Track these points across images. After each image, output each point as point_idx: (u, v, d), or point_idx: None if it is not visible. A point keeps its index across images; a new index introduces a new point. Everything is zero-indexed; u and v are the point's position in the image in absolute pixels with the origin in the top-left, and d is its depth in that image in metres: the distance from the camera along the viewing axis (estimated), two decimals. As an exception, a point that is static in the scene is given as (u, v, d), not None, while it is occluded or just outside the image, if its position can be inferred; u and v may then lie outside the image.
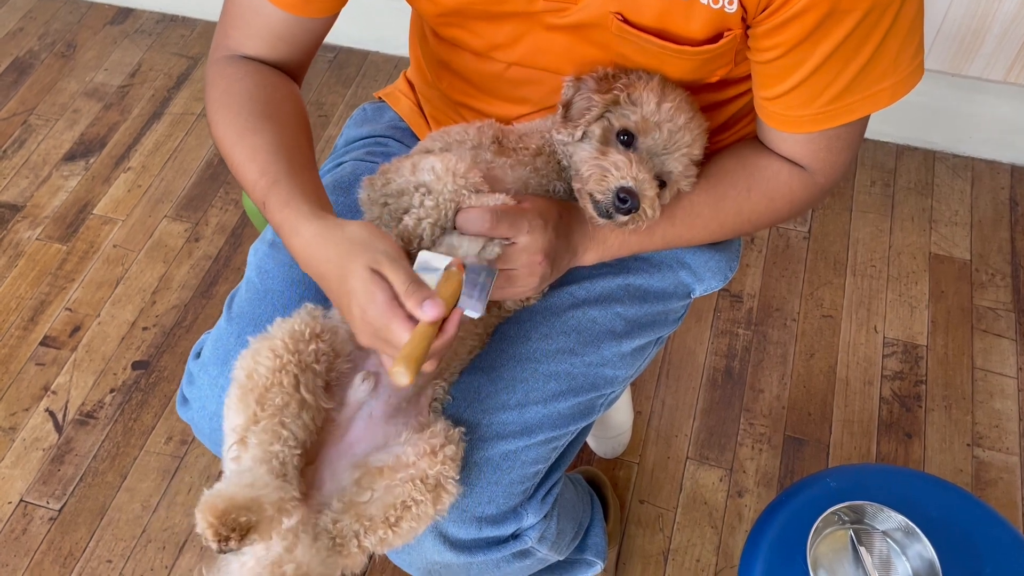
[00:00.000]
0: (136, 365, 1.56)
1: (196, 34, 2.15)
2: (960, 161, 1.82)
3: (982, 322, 1.58)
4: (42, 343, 1.59)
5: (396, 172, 0.81)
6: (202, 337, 0.95)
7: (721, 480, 1.41)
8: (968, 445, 1.44)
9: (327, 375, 0.77)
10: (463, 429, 0.80)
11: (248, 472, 0.70)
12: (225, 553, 0.65)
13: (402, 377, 0.64)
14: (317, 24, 0.87)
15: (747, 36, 0.77)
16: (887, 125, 1.84)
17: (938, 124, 1.80)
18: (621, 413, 1.38)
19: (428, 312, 0.66)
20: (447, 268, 0.71)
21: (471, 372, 0.86)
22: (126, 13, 2.20)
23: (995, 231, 1.71)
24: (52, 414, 1.50)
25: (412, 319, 0.67)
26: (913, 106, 1.78)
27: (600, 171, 0.77)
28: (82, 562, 1.35)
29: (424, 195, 0.78)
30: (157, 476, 1.43)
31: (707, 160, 0.86)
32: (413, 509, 0.73)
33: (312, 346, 0.75)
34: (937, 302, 1.61)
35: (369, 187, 0.83)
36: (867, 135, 1.86)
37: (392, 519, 0.73)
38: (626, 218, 0.78)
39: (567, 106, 0.82)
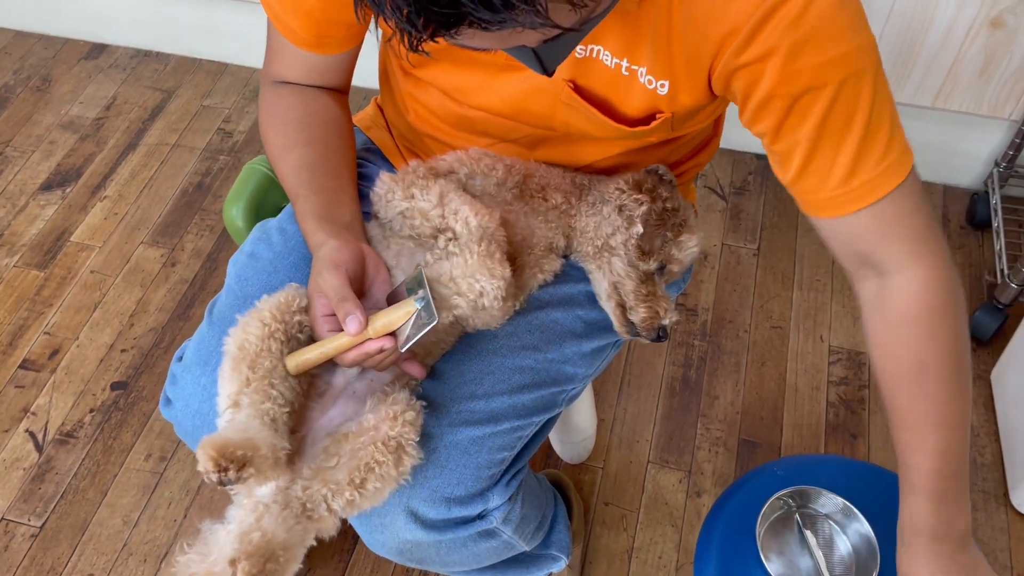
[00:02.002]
0: (115, 386, 1.61)
1: (170, 68, 2.22)
2: (897, 182, 1.94)
3: (920, 330, 1.69)
4: (21, 366, 1.63)
5: (423, 192, 0.89)
6: (184, 344, 1.01)
7: (680, 482, 1.49)
8: (909, 444, 1.53)
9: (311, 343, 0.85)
10: (424, 402, 0.87)
11: (241, 422, 0.78)
12: (224, 485, 0.72)
13: (291, 368, 0.80)
14: (339, 57, 0.98)
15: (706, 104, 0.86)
16: (829, 149, 1.95)
17: (875, 148, 1.92)
18: (585, 418, 1.45)
19: (349, 326, 0.79)
20: (412, 302, 0.80)
21: (442, 364, 0.94)
22: (100, 48, 2.27)
23: (930, 246, 1.83)
24: (32, 434, 1.54)
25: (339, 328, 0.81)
26: (852, 131, 1.90)
27: (651, 311, 0.93)
28: (64, 576, 1.38)
29: (449, 241, 0.87)
30: (137, 492, 1.47)
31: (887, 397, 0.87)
32: (376, 470, 0.79)
33: (297, 317, 0.83)
34: (878, 312, 1.72)
35: (390, 189, 0.92)
36: (811, 159, 1.98)
37: (357, 480, 0.79)
38: (649, 342, 0.95)
39: (643, 235, 0.92)
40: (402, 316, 0.79)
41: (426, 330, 0.78)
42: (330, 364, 0.88)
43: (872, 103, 0.76)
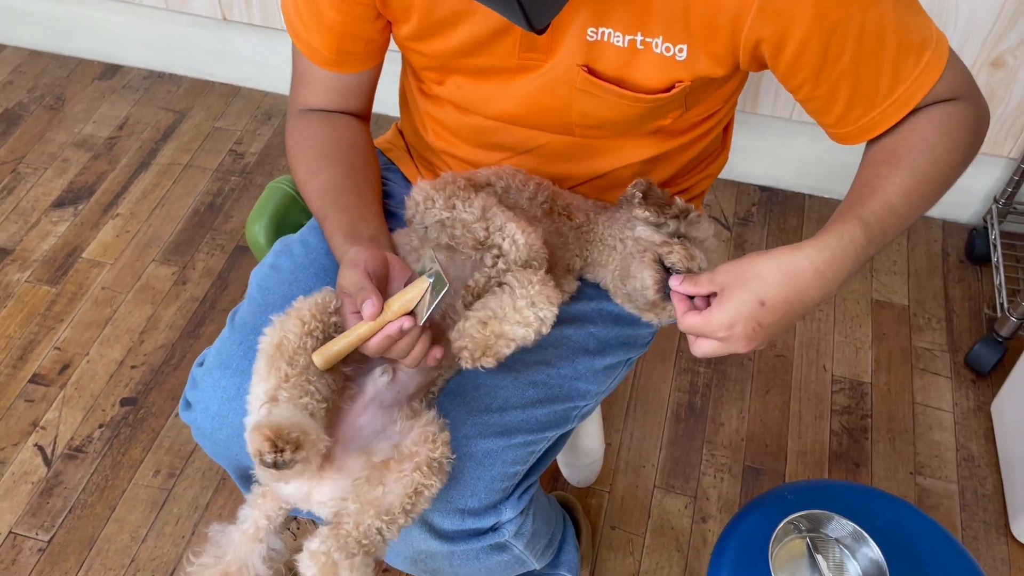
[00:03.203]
0: (124, 402, 1.61)
1: (183, 90, 2.25)
2: (897, 216, 1.98)
3: (921, 361, 1.72)
4: (31, 380, 1.64)
5: (465, 203, 0.91)
6: (204, 351, 1.03)
7: (686, 507, 1.51)
8: (911, 473, 1.55)
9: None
10: (447, 421, 0.88)
11: (284, 410, 0.78)
12: (279, 468, 0.73)
13: (318, 363, 0.81)
14: (360, 76, 1.02)
15: (721, 79, 0.88)
16: (831, 182, 2.00)
17: (877, 182, 1.96)
18: (593, 441, 1.47)
19: (365, 309, 0.81)
20: (423, 278, 0.82)
21: (456, 379, 0.96)
22: (114, 69, 2.30)
23: (930, 279, 1.86)
24: (41, 449, 1.55)
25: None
26: (854, 166, 1.94)
27: (686, 251, 0.91)
28: (71, 591, 1.38)
29: (497, 258, 0.89)
30: (145, 508, 1.48)
31: (871, 151, 0.89)
32: (425, 493, 0.81)
33: (333, 318, 0.85)
34: (880, 343, 1.75)
35: (429, 196, 0.94)
36: (813, 192, 2.02)
37: (408, 507, 0.81)
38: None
39: (646, 192, 0.94)
40: (416, 294, 0.81)
41: (440, 296, 0.80)
42: (358, 370, 0.90)
43: (895, 10, 0.79)
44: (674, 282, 0.85)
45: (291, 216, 1.20)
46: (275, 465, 0.73)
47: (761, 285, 0.79)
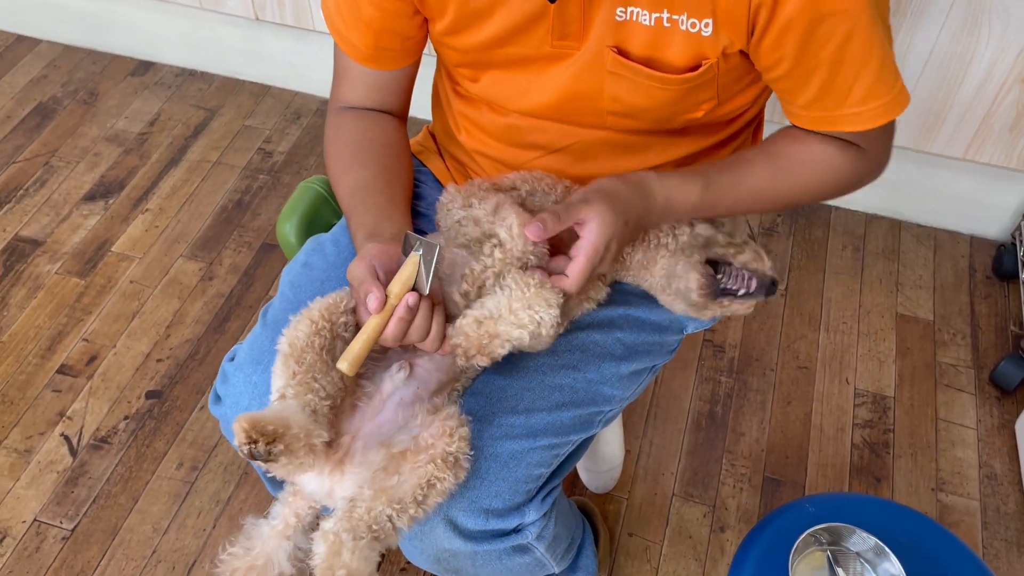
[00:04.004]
0: (150, 394, 1.63)
1: (214, 88, 2.27)
2: (924, 231, 1.97)
3: (945, 377, 1.71)
4: (59, 371, 1.66)
5: (481, 201, 0.93)
6: (236, 345, 1.05)
7: (705, 516, 1.50)
8: (932, 489, 1.54)
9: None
10: (469, 417, 0.89)
11: (282, 406, 0.81)
12: (255, 459, 0.75)
13: (343, 367, 0.81)
14: (397, 74, 1.04)
15: (751, 63, 0.88)
16: (858, 195, 1.98)
17: (904, 196, 1.96)
18: (613, 447, 1.47)
19: (369, 303, 0.82)
20: (412, 253, 0.83)
21: (483, 379, 0.97)
22: (147, 66, 2.33)
23: (956, 295, 1.85)
24: (67, 438, 1.57)
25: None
26: (881, 179, 1.92)
27: (756, 253, 0.95)
28: (93, 580, 1.40)
29: (495, 247, 0.90)
30: (168, 500, 1.49)
31: (764, 141, 0.98)
32: (438, 486, 0.82)
33: (343, 318, 0.87)
34: (903, 358, 1.74)
35: (453, 198, 0.96)
36: (839, 204, 2.02)
37: (420, 498, 0.82)
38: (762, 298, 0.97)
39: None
40: (412, 270, 0.83)
41: (435, 260, 0.82)
42: (375, 368, 0.91)
43: (884, 36, 0.84)
44: (532, 230, 0.85)
45: (322, 216, 1.22)
46: (252, 456, 0.75)
47: (623, 205, 0.88)
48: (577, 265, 0.87)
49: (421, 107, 1.22)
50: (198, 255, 1.87)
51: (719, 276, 0.95)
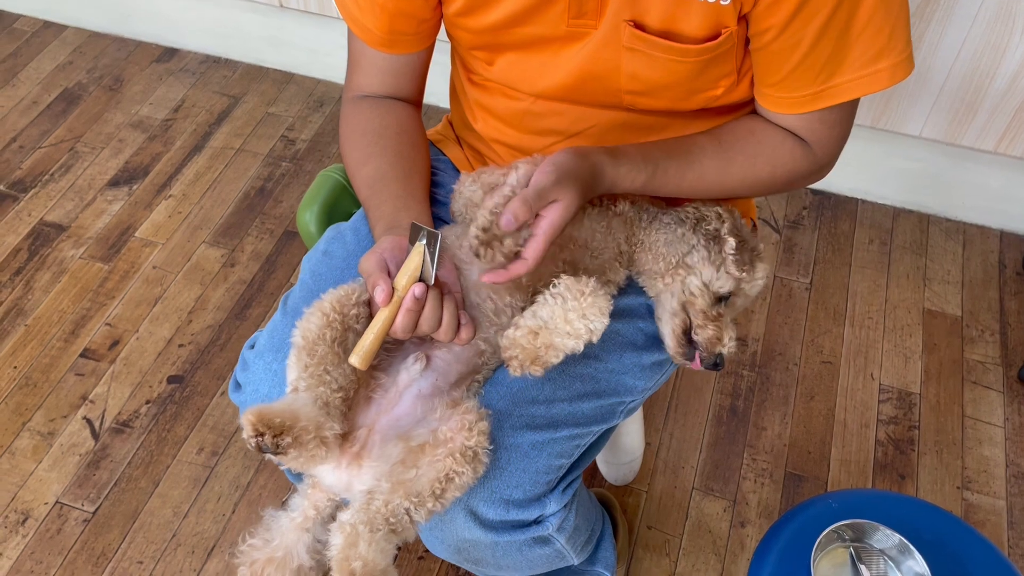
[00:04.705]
0: (171, 379, 1.64)
1: (238, 75, 2.28)
2: (952, 225, 1.94)
3: (972, 374, 1.68)
4: (82, 355, 1.67)
5: (490, 173, 0.94)
6: (256, 333, 1.04)
7: (725, 510, 1.49)
8: (958, 488, 1.52)
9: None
10: (489, 411, 0.89)
11: (292, 398, 0.81)
12: (261, 451, 0.76)
13: (355, 362, 0.81)
14: (411, 59, 1.03)
15: (747, 27, 0.87)
16: (885, 188, 1.96)
17: (933, 190, 1.92)
18: (633, 440, 1.46)
19: (376, 296, 0.82)
20: (416, 244, 0.83)
21: (503, 369, 0.96)
22: (172, 52, 2.34)
23: (985, 291, 1.82)
24: (89, 422, 1.58)
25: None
26: (910, 172, 1.91)
27: (717, 331, 0.94)
28: (114, 562, 1.41)
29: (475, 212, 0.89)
30: (188, 484, 1.50)
31: (719, 126, 0.98)
32: (456, 480, 0.81)
33: (354, 310, 0.86)
34: (930, 354, 1.71)
35: (463, 180, 0.98)
36: (866, 197, 1.99)
37: (438, 491, 0.81)
38: (703, 368, 0.96)
39: (737, 246, 0.94)
40: (417, 260, 0.83)
41: (438, 247, 0.82)
42: (391, 360, 0.90)
43: (874, 10, 0.83)
44: (506, 223, 0.83)
45: (341, 204, 1.21)
46: (260, 449, 0.75)
47: (583, 187, 0.88)
48: (536, 245, 0.85)
49: (442, 96, 1.21)
50: (220, 241, 1.88)
51: (694, 337, 0.97)
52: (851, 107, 0.95)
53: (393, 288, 0.83)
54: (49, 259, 1.83)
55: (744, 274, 0.94)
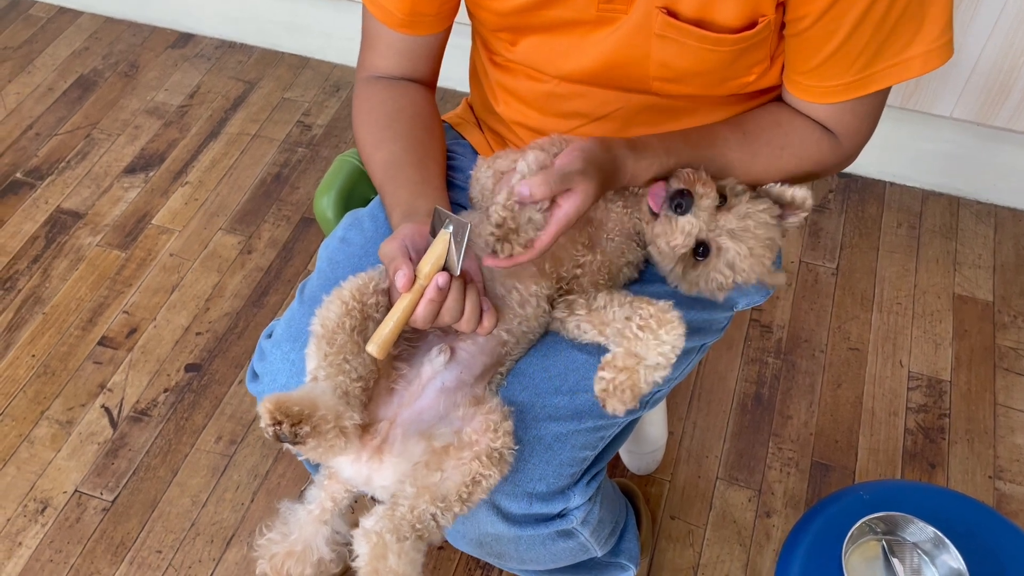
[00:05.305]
0: (189, 368, 1.63)
1: (253, 60, 2.26)
2: (984, 208, 1.89)
3: (1004, 361, 1.63)
4: (100, 343, 1.66)
5: (504, 158, 0.91)
6: (273, 322, 1.03)
7: (750, 500, 1.46)
8: (990, 477, 1.48)
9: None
10: (512, 408, 0.87)
11: (311, 387, 0.79)
12: (280, 440, 0.74)
13: (372, 350, 0.78)
14: (430, 40, 1.00)
15: (784, 14, 0.84)
16: (914, 170, 1.91)
17: (963, 172, 1.87)
18: (656, 429, 1.43)
19: (397, 280, 0.79)
20: (442, 231, 0.80)
21: (526, 360, 0.93)
22: (187, 38, 2.32)
23: (1017, 275, 1.77)
24: (108, 410, 1.57)
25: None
26: (940, 154, 1.86)
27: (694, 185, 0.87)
28: (133, 551, 1.40)
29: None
30: (207, 473, 1.49)
31: (743, 115, 0.94)
32: (483, 483, 0.79)
33: (373, 298, 0.84)
34: (961, 340, 1.67)
35: (479, 166, 0.96)
36: (895, 180, 1.94)
37: (465, 495, 0.79)
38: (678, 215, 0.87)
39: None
40: (442, 248, 0.79)
41: (466, 238, 0.78)
42: (414, 352, 0.88)
43: None
44: (523, 187, 0.79)
45: (359, 190, 1.19)
46: (277, 438, 0.73)
47: (604, 179, 0.84)
48: (547, 235, 0.82)
49: (461, 80, 1.18)
50: (237, 228, 1.86)
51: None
52: (882, 98, 0.92)
53: (416, 275, 0.80)
54: (66, 247, 1.82)
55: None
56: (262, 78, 2.21)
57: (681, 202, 0.86)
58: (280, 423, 0.73)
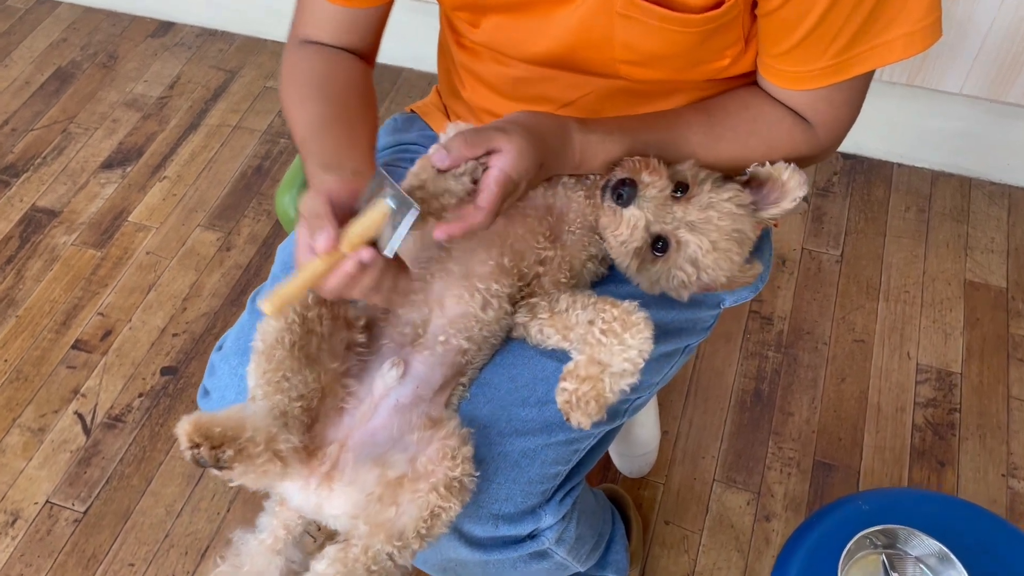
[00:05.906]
0: (165, 371, 1.57)
1: (234, 48, 2.18)
2: (997, 188, 1.80)
3: (1018, 351, 1.55)
4: (73, 347, 1.61)
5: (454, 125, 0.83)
6: (225, 333, 0.96)
7: (748, 503, 1.39)
8: (1003, 475, 1.41)
9: (331, 339, 0.79)
10: (471, 431, 0.80)
11: (243, 407, 0.73)
12: (200, 465, 0.68)
13: (265, 307, 0.67)
14: (370, 13, 0.92)
15: None
16: (923, 150, 1.82)
17: (975, 151, 1.78)
18: (648, 431, 1.36)
19: (317, 241, 0.67)
20: (383, 201, 0.69)
21: (491, 369, 0.86)
22: (167, 27, 2.25)
23: (1032, 260, 1.68)
24: (81, 417, 1.52)
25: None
26: (950, 132, 1.77)
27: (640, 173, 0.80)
28: (104, 564, 1.35)
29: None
30: (182, 481, 1.43)
31: (711, 98, 0.87)
32: (443, 516, 0.73)
33: (315, 311, 0.77)
34: (972, 329, 1.59)
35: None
36: (902, 161, 1.85)
37: (423, 531, 0.73)
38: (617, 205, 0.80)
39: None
40: (377, 218, 0.68)
41: (411, 221, 0.67)
42: (363, 366, 0.81)
43: None
44: (437, 157, 0.73)
45: (323, 184, 1.12)
46: (196, 462, 0.67)
47: (540, 143, 0.76)
48: (489, 194, 0.73)
49: (431, 62, 1.11)
50: (216, 224, 1.80)
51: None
52: (862, 84, 0.84)
53: (338, 238, 0.68)
54: (41, 246, 1.77)
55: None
56: (243, 66, 2.14)
57: (622, 192, 0.78)
58: (199, 446, 0.66)
